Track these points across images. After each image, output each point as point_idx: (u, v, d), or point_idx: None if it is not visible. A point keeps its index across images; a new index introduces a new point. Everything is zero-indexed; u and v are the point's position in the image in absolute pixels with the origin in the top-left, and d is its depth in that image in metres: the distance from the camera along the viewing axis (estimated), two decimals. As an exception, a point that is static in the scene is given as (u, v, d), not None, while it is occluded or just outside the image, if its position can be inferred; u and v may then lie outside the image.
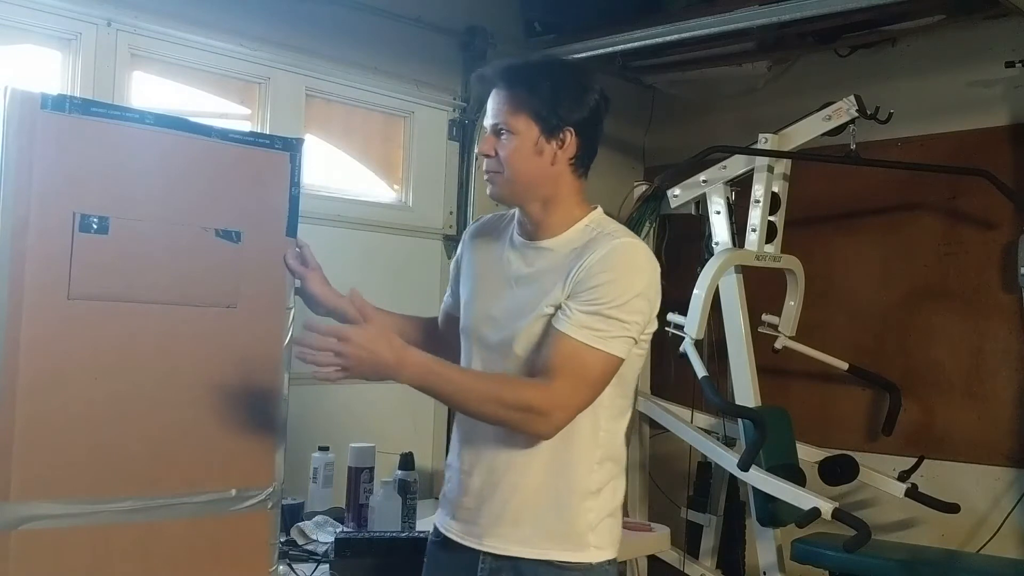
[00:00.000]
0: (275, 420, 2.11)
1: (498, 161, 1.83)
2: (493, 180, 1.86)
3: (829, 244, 4.06)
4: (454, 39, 3.81)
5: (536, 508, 1.81)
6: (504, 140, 1.82)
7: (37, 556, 1.78)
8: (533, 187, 1.84)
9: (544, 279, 1.82)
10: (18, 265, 1.77)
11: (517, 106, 1.81)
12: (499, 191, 1.86)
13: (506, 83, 1.83)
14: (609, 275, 1.75)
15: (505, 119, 1.82)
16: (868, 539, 3.04)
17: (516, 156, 1.82)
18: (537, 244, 1.87)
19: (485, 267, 1.94)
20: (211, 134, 2.04)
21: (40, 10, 2.73)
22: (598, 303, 1.74)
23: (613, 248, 1.77)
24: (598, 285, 1.75)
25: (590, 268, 1.76)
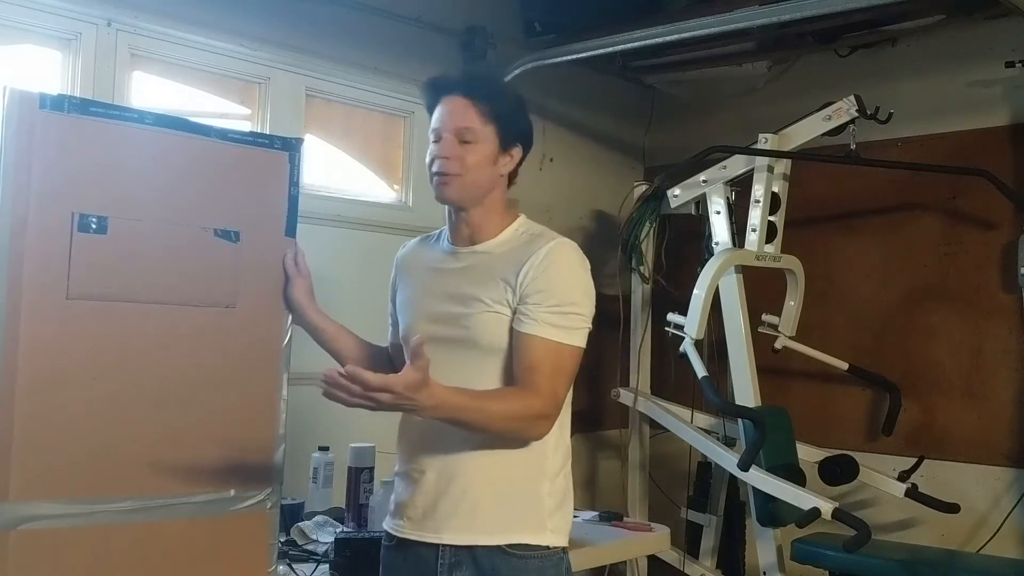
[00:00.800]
0: (274, 420, 2.11)
1: (459, 164, 1.89)
2: (449, 182, 1.90)
3: (829, 244, 4.06)
4: (454, 39, 3.80)
5: (495, 496, 1.85)
6: (470, 146, 1.89)
7: (36, 556, 1.78)
8: (482, 193, 1.93)
9: (482, 273, 1.89)
10: (17, 265, 1.77)
11: (486, 117, 1.90)
12: (453, 193, 1.91)
13: (478, 93, 1.91)
14: (557, 274, 1.85)
15: (474, 126, 1.89)
16: (868, 539, 3.04)
17: (480, 163, 1.90)
18: (475, 248, 1.95)
19: (422, 277, 2.01)
20: (211, 134, 2.05)
21: (40, 10, 2.73)
22: (555, 302, 1.83)
23: (552, 249, 1.86)
24: (550, 287, 1.83)
25: (537, 269, 1.84)
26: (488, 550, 1.83)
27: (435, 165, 1.91)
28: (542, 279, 1.83)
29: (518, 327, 1.83)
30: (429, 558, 1.86)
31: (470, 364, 1.86)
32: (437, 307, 1.92)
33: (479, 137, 1.89)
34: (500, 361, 1.86)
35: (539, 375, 1.80)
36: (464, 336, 1.87)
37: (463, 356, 1.87)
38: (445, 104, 1.92)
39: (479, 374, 1.86)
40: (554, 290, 1.83)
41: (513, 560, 1.82)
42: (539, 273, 1.84)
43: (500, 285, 1.85)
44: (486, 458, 1.85)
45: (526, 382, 1.80)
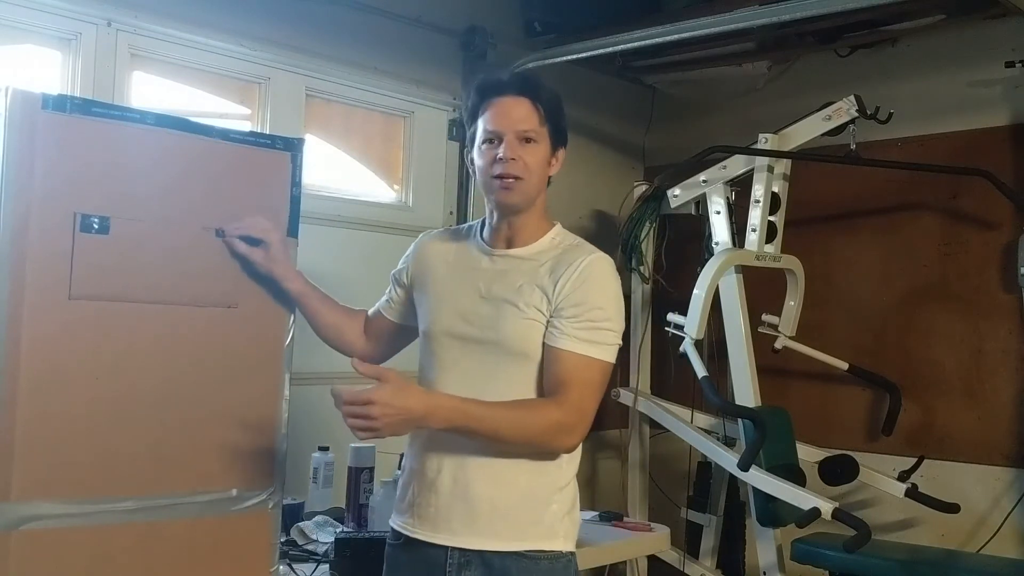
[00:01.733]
0: (276, 420, 2.11)
1: (524, 167, 1.87)
2: (513, 187, 1.87)
3: (829, 244, 4.06)
4: (454, 39, 3.81)
5: (511, 504, 1.85)
6: (531, 148, 1.88)
7: (38, 556, 1.78)
8: (537, 197, 1.93)
9: (518, 278, 1.89)
10: (19, 265, 1.77)
11: (543, 119, 1.90)
12: (518, 198, 1.89)
13: (534, 95, 1.90)
14: (593, 289, 1.85)
15: (535, 128, 1.89)
16: (868, 539, 3.04)
17: (539, 165, 1.90)
18: (510, 252, 1.94)
19: (455, 273, 1.98)
20: (212, 134, 2.05)
21: (40, 10, 2.73)
22: (589, 317, 1.84)
23: (591, 263, 1.87)
24: (585, 300, 1.84)
25: (574, 282, 1.84)
26: (498, 555, 1.83)
27: (498, 167, 1.87)
28: (579, 293, 1.84)
29: (551, 341, 1.84)
30: (438, 558, 1.86)
31: (497, 367, 1.87)
32: (468, 306, 1.91)
33: (540, 138, 1.89)
34: (527, 367, 1.86)
35: (569, 389, 1.80)
36: (494, 339, 1.87)
37: (491, 359, 1.87)
38: (502, 105, 1.89)
39: (505, 378, 1.86)
40: (589, 304, 1.84)
41: (523, 561, 1.83)
42: (576, 286, 1.84)
43: (536, 292, 1.86)
44: (503, 465, 1.84)
45: (555, 395, 1.81)
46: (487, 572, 1.83)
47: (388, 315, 2.15)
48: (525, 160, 1.87)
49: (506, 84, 1.91)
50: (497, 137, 1.88)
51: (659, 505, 4.07)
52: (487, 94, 1.91)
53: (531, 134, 1.88)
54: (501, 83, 1.92)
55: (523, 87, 1.90)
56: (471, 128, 1.96)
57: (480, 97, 1.92)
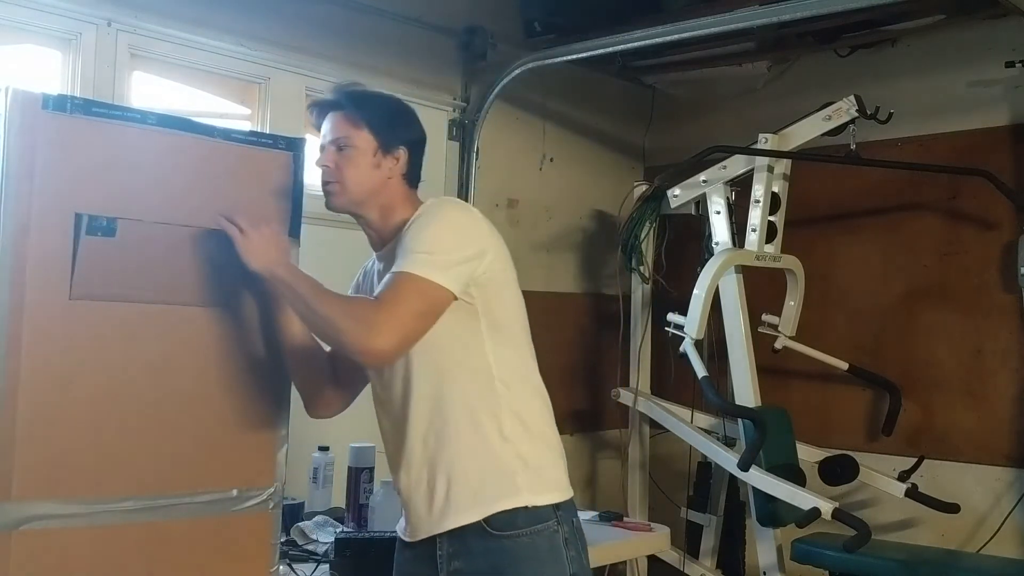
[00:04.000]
0: (276, 420, 2.11)
1: (337, 173, 1.96)
2: (331, 191, 1.98)
3: (829, 244, 4.06)
4: (454, 39, 3.81)
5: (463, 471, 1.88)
6: (345, 153, 1.96)
7: (38, 556, 1.78)
8: (371, 196, 1.98)
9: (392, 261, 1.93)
10: (20, 265, 1.77)
11: (358, 123, 1.96)
12: (336, 201, 1.99)
13: (349, 103, 1.99)
14: (417, 225, 1.91)
15: (347, 133, 1.96)
16: (868, 539, 3.05)
17: (354, 168, 1.96)
18: (382, 253, 2.03)
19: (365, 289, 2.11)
20: (213, 134, 2.04)
21: (40, 10, 2.73)
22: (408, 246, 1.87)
23: (423, 209, 1.94)
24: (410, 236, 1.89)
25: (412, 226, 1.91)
26: (473, 530, 1.85)
27: (321, 175, 1.99)
28: (408, 234, 1.89)
29: None
30: (431, 552, 1.91)
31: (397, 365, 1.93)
32: None
33: (354, 142, 1.95)
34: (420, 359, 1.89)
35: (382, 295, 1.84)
36: None
37: None
38: (326, 121, 2.00)
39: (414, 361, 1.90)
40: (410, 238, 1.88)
41: (502, 540, 1.84)
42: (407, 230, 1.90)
43: None
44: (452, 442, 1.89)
45: None
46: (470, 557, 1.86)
47: None
48: (340, 165, 1.95)
49: (321, 103, 2.03)
50: (321, 150, 2.00)
51: (659, 505, 4.07)
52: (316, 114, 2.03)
53: (342, 141, 1.96)
54: (319, 102, 2.04)
55: (344, 99, 1.99)
56: None
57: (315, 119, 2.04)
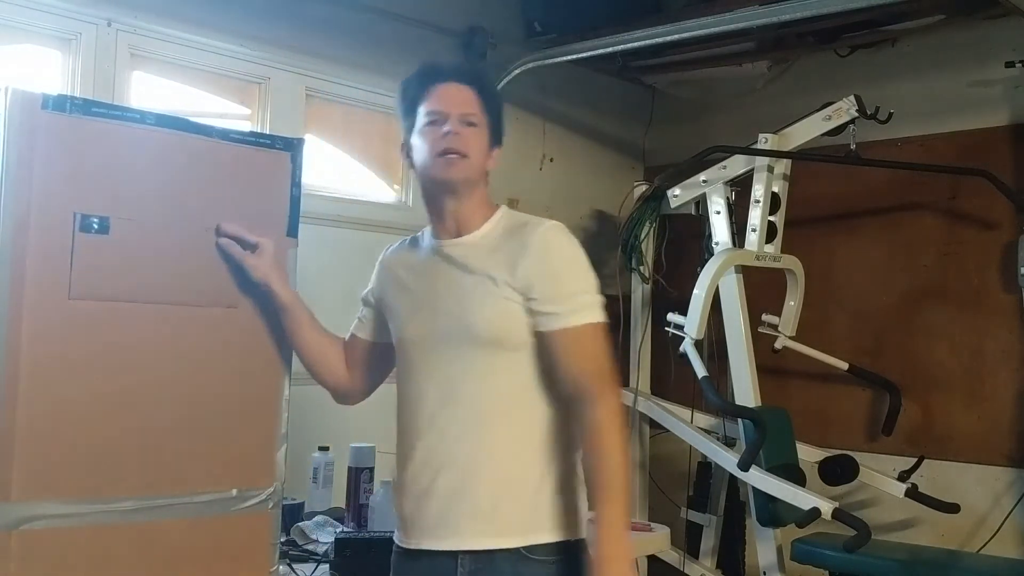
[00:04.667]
0: (276, 420, 2.11)
1: (467, 144, 1.86)
2: (457, 162, 1.85)
3: (829, 244, 4.06)
4: (454, 39, 3.81)
5: (511, 496, 1.81)
6: (474, 131, 1.87)
7: (38, 556, 1.78)
8: (477, 181, 1.90)
9: (476, 264, 1.86)
10: (19, 265, 1.77)
11: (483, 109, 1.90)
12: (460, 173, 1.86)
13: (485, 85, 1.92)
14: (554, 262, 1.83)
15: (476, 112, 1.88)
16: (868, 539, 3.05)
17: (481, 150, 1.89)
18: (459, 241, 1.91)
19: (415, 277, 1.96)
20: (212, 134, 2.04)
21: (40, 10, 2.73)
22: (563, 286, 1.82)
23: (542, 237, 1.84)
24: (551, 277, 1.82)
25: (534, 264, 1.81)
26: (508, 554, 1.78)
27: (442, 143, 1.84)
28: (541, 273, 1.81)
29: (539, 328, 1.81)
30: (447, 566, 1.80)
31: (472, 363, 1.83)
32: (433, 304, 1.88)
33: (481, 123, 1.88)
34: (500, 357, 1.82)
35: (579, 366, 1.79)
36: (463, 329, 1.82)
37: (463, 354, 1.83)
38: (446, 89, 1.89)
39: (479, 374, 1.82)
40: (558, 276, 1.82)
41: (534, 565, 1.79)
42: (537, 266, 1.81)
43: (499, 273, 1.82)
44: (502, 460, 1.81)
45: (575, 385, 1.80)
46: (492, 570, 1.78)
47: (361, 334, 2.09)
48: (469, 139, 1.85)
49: (449, 71, 1.92)
50: (442, 116, 1.86)
51: (659, 505, 4.07)
52: (429, 80, 1.91)
53: (473, 119, 1.87)
54: (444, 69, 1.93)
55: (467, 76, 1.92)
56: (409, 119, 1.92)
57: (421, 84, 1.91)
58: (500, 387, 1.83)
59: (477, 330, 1.82)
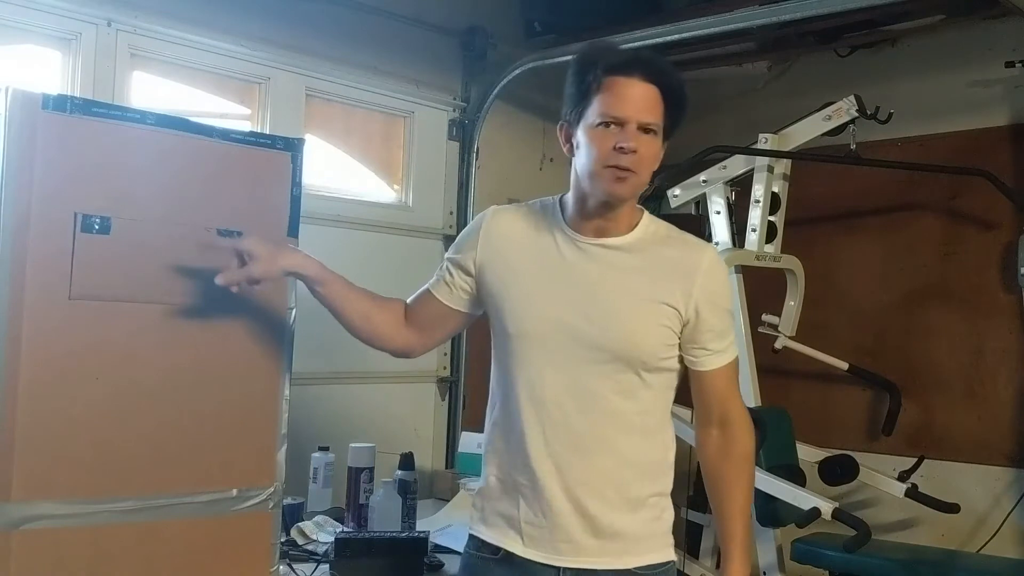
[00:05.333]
0: (276, 420, 2.11)
1: (640, 161, 1.72)
2: (627, 179, 1.72)
3: (829, 244, 4.06)
4: (454, 39, 3.81)
5: (630, 519, 1.79)
6: (650, 140, 1.74)
7: (38, 556, 1.78)
8: (643, 189, 1.82)
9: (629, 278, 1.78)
10: (19, 265, 1.77)
11: (664, 112, 1.75)
12: (628, 191, 1.75)
13: (666, 84, 1.75)
14: (722, 300, 1.83)
15: (658, 119, 1.74)
16: (868, 539, 3.04)
17: (653, 160, 1.77)
18: (603, 242, 1.80)
19: (537, 265, 1.82)
20: (212, 134, 2.05)
21: (40, 10, 2.73)
22: (723, 330, 1.84)
23: (711, 268, 1.82)
24: (719, 317, 1.82)
25: (705, 297, 1.79)
26: (617, 572, 1.77)
27: (614, 157, 1.70)
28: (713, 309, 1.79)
29: (697, 367, 1.83)
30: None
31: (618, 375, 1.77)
32: (570, 303, 1.77)
33: (659, 131, 1.75)
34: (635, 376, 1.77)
35: (731, 404, 1.87)
36: (609, 341, 1.75)
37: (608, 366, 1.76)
38: (630, 88, 1.71)
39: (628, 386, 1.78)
40: (722, 317, 1.82)
41: None
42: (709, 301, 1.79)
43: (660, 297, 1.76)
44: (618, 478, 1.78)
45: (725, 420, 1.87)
46: None
47: (448, 301, 1.90)
48: (643, 153, 1.72)
49: (636, 65, 1.73)
50: (618, 123, 1.71)
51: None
52: (612, 71, 1.72)
53: (653, 127, 1.72)
54: (631, 62, 1.73)
55: (655, 73, 1.73)
56: (581, 103, 1.76)
57: (604, 71, 1.72)
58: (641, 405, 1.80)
59: (631, 350, 1.76)
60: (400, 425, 3.56)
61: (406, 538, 2.49)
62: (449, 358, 3.78)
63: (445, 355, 3.77)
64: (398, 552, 2.41)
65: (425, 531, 2.57)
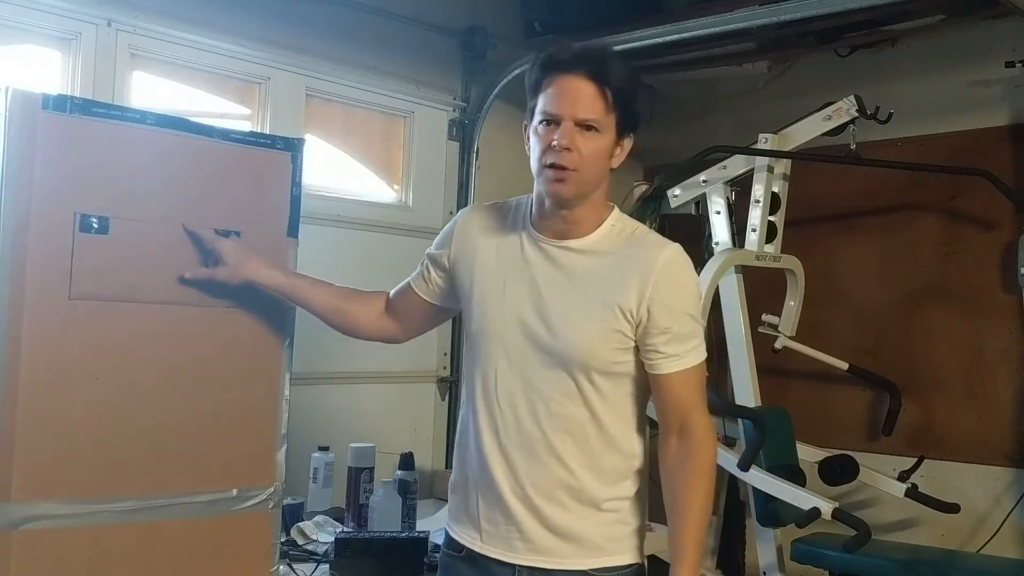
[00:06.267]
0: (275, 420, 2.11)
1: (578, 159, 1.69)
2: (567, 178, 1.69)
3: (829, 244, 4.06)
4: (454, 39, 3.81)
5: (590, 522, 1.79)
6: (591, 136, 1.70)
7: (38, 556, 1.78)
8: (592, 190, 1.76)
9: (588, 280, 1.76)
10: (19, 265, 1.77)
11: (609, 104, 1.71)
12: (570, 191, 1.71)
13: (603, 77, 1.70)
14: (677, 299, 1.76)
15: (598, 115, 1.70)
16: (868, 539, 3.04)
17: (597, 156, 1.72)
18: (565, 244, 1.78)
19: (501, 264, 1.82)
20: (212, 134, 2.05)
21: (40, 10, 2.73)
22: (679, 332, 1.76)
23: (666, 265, 1.75)
24: (672, 317, 1.75)
25: (656, 297, 1.73)
26: (571, 573, 1.78)
27: (550, 155, 1.69)
28: (664, 310, 1.73)
29: (650, 369, 1.77)
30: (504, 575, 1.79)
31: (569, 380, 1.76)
32: (527, 304, 1.77)
33: (603, 126, 1.70)
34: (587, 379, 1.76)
35: (692, 410, 1.78)
36: (560, 347, 1.74)
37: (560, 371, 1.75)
38: (565, 84, 1.69)
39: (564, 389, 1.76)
40: (676, 318, 1.74)
41: None
42: (660, 301, 1.73)
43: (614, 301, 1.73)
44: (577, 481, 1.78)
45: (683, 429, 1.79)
46: None
47: (425, 296, 1.96)
48: (581, 150, 1.68)
49: (572, 61, 1.70)
50: (554, 120, 1.69)
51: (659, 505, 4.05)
52: (550, 68, 1.71)
53: (592, 122, 1.69)
54: (567, 59, 1.71)
55: (591, 67, 1.69)
56: (531, 102, 1.75)
57: (543, 71, 1.72)
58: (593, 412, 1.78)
59: (580, 357, 1.75)
60: (400, 425, 3.56)
61: (406, 538, 2.49)
62: (449, 358, 3.78)
63: (445, 355, 3.76)
64: (398, 552, 2.41)
65: (425, 531, 2.57)
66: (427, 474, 3.43)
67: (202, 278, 1.98)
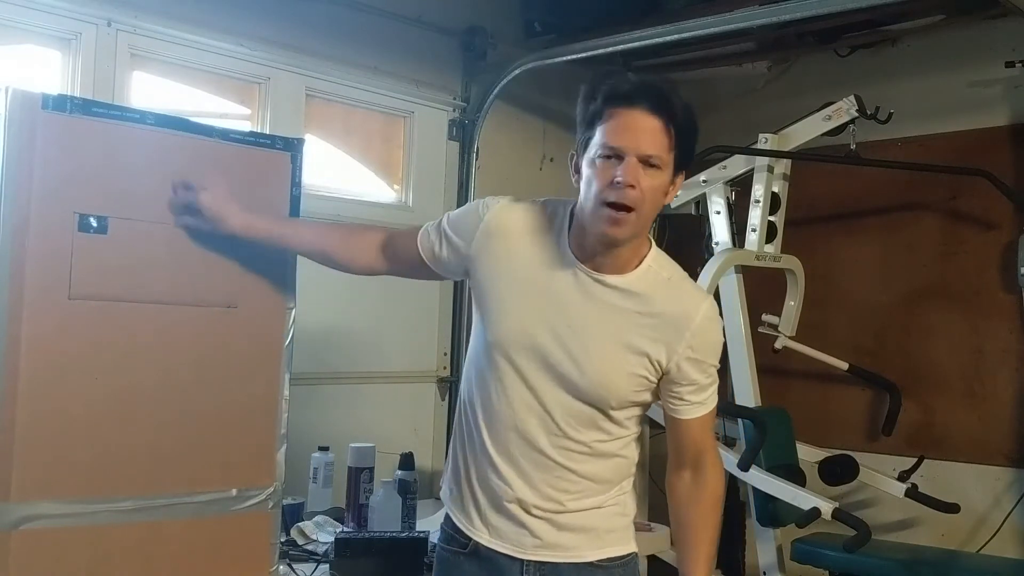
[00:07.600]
0: (275, 420, 2.11)
1: (639, 197, 1.64)
2: (624, 221, 1.65)
3: (829, 244, 4.06)
4: (454, 39, 3.81)
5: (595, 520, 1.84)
6: (652, 174, 1.65)
7: (38, 556, 1.78)
8: (646, 228, 1.74)
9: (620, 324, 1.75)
10: (19, 265, 1.77)
11: (672, 143, 1.67)
12: (626, 233, 1.68)
13: (669, 114, 1.66)
14: (709, 355, 1.81)
15: (662, 152, 1.66)
16: (868, 539, 3.04)
17: (657, 195, 1.68)
18: (601, 277, 1.75)
19: (531, 278, 1.77)
20: (212, 134, 2.05)
21: (40, 10, 2.73)
22: (707, 383, 1.83)
23: (704, 322, 1.78)
24: (703, 371, 1.80)
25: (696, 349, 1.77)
26: (573, 566, 1.81)
27: (612, 193, 1.63)
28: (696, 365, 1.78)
29: (674, 414, 1.84)
30: (511, 570, 1.81)
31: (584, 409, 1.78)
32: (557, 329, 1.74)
33: (663, 164, 1.66)
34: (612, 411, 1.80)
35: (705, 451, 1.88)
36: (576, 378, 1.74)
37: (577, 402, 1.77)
38: (629, 119, 1.65)
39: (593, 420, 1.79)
40: (706, 371, 1.80)
41: (598, 572, 1.83)
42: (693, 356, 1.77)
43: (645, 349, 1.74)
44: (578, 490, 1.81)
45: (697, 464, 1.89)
46: None
47: (426, 258, 1.90)
48: (643, 188, 1.64)
49: (636, 94, 1.65)
50: (617, 155, 1.64)
51: (659, 505, 4.05)
52: (612, 101, 1.66)
53: (656, 160, 1.64)
54: (633, 92, 1.66)
55: (658, 103, 1.65)
56: (586, 132, 1.70)
57: (606, 102, 1.67)
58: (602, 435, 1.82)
59: (598, 394, 1.76)
60: (400, 425, 3.56)
61: (406, 538, 2.49)
62: (449, 358, 3.78)
63: (445, 355, 3.76)
64: (398, 552, 2.41)
65: (425, 531, 2.57)
66: (427, 474, 3.43)
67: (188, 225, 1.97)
